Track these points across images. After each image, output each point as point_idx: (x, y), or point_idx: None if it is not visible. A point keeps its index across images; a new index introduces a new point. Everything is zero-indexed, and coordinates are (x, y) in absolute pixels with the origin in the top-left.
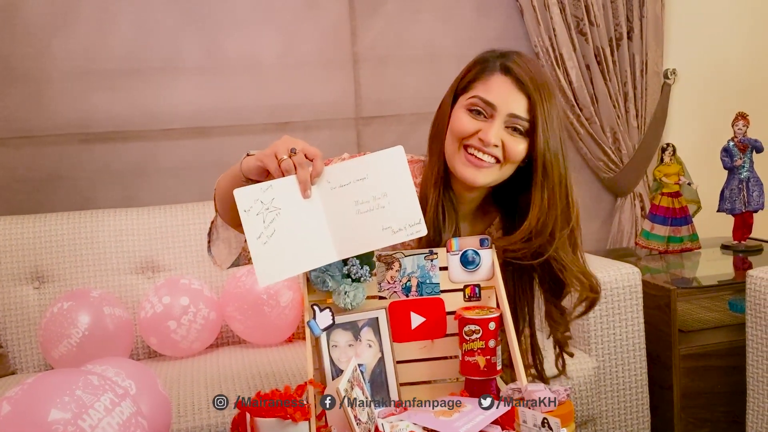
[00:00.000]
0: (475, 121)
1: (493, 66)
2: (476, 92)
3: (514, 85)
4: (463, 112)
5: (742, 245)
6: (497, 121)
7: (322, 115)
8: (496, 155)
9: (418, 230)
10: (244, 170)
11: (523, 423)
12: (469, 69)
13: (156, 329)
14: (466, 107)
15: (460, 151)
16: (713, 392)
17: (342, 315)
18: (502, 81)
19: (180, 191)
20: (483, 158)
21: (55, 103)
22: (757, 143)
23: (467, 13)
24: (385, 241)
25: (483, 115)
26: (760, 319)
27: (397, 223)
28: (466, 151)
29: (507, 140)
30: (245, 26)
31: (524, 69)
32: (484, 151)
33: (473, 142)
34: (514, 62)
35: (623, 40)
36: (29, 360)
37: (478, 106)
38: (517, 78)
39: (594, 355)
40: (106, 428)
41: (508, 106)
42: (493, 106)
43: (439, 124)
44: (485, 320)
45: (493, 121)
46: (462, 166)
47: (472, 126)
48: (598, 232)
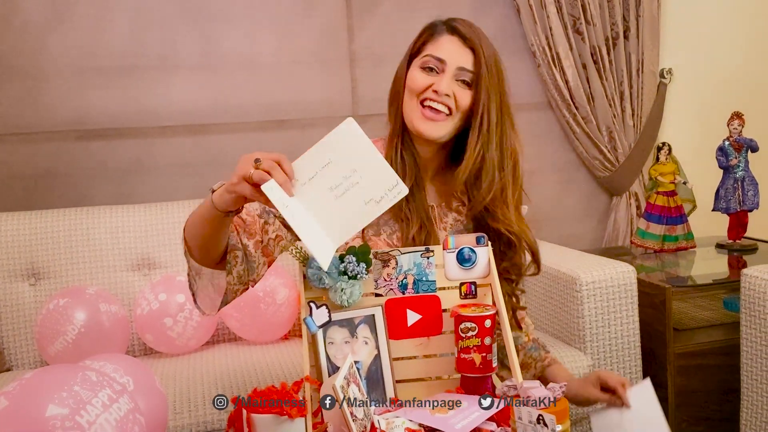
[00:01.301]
0: (429, 76)
1: (440, 28)
2: (428, 51)
3: (461, 42)
4: (417, 70)
5: (736, 244)
6: (448, 74)
7: (319, 113)
8: (449, 104)
9: (399, 191)
10: (220, 206)
11: (519, 420)
12: (420, 35)
13: (152, 326)
14: (420, 66)
15: (417, 107)
16: (708, 390)
17: (338, 312)
18: (449, 39)
19: (176, 188)
20: (438, 108)
21: (51, 99)
22: (753, 143)
23: (463, 12)
24: (372, 213)
25: (435, 71)
26: (754, 317)
27: (378, 192)
28: (422, 105)
29: (457, 91)
30: (242, 24)
31: (468, 29)
32: (438, 101)
33: (428, 95)
34: (458, 23)
35: (620, 40)
36: (25, 357)
37: (430, 63)
38: (463, 35)
39: (589, 353)
40: (103, 424)
41: (457, 60)
42: (443, 61)
43: (396, 89)
44: (481, 318)
45: (444, 75)
46: (419, 121)
47: (427, 80)
48: (594, 230)
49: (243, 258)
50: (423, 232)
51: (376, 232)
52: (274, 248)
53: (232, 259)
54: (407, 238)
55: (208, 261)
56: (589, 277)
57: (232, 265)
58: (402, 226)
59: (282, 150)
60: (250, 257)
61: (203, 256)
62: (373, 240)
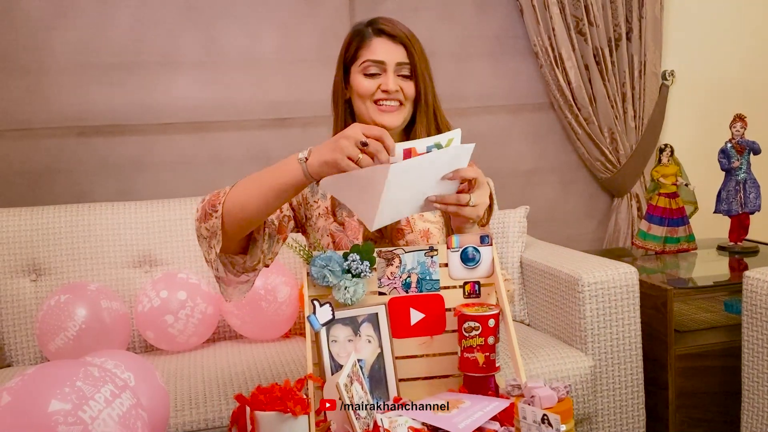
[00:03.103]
0: (373, 80)
1: (368, 33)
2: (364, 57)
3: (391, 41)
4: (361, 77)
5: (738, 246)
6: (389, 72)
7: (321, 112)
8: (399, 98)
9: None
10: (315, 174)
11: (523, 419)
12: (350, 42)
13: (153, 323)
14: (361, 72)
15: (372, 106)
16: (709, 392)
17: (342, 310)
18: (380, 41)
19: (177, 186)
20: (391, 104)
21: (53, 96)
22: (755, 145)
23: (466, 12)
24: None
25: (377, 74)
26: (756, 320)
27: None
28: (377, 104)
29: (401, 84)
30: (244, 22)
31: (392, 26)
32: (390, 98)
33: (379, 96)
34: (382, 24)
35: (622, 41)
36: (25, 353)
37: (371, 68)
38: (390, 34)
39: (590, 354)
40: (106, 419)
41: (393, 57)
42: (382, 62)
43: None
44: (485, 317)
45: (387, 74)
46: (378, 115)
47: (373, 84)
48: (595, 231)
49: (267, 235)
50: None
51: (349, 213)
52: (287, 225)
53: (258, 236)
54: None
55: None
56: (591, 277)
57: (260, 241)
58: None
59: (283, 149)
60: (273, 233)
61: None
62: (347, 221)
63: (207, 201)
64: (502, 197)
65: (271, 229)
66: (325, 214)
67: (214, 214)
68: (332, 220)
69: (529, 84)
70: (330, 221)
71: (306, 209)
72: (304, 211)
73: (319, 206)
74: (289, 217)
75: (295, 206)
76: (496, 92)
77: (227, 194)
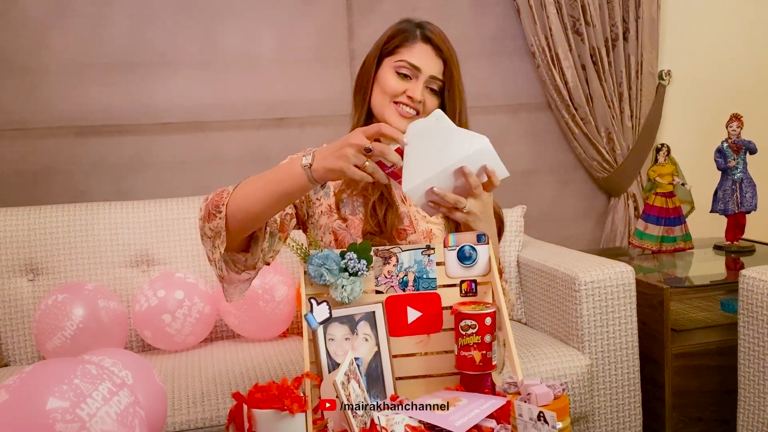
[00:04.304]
0: (403, 82)
1: (414, 35)
2: (402, 57)
3: (434, 52)
4: (392, 74)
5: (734, 246)
6: (420, 81)
7: (318, 112)
8: (418, 109)
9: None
10: (320, 179)
11: (519, 417)
12: (393, 36)
13: (150, 323)
14: (394, 69)
15: (390, 104)
16: (705, 391)
17: (339, 309)
18: (423, 48)
19: (175, 185)
20: (409, 111)
21: (50, 95)
22: (751, 145)
23: (464, 12)
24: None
25: (408, 77)
26: (752, 318)
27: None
28: (396, 105)
29: (426, 98)
30: (242, 22)
31: (439, 38)
32: (411, 105)
33: (402, 99)
34: (431, 32)
35: (619, 41)
36: (23, 352)
37: (404, 69)
38: (436, 46)
39: (587, 353)
40: (104, 417)
41: (430, 69)
42: (418, 68)
43: (364, 80)
44: (481, 315)
45: (417, 81)
46: (394, 117)
47: (401, 86)
48: (592, 231)
49: (269, 233)
50: (383, 204)
51: (352, 210)
52: (289, 223)
53: (260, 234)
54: (368, 205)
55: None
56: (587, 276)
57: (261, 240)
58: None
59: (281, 149)
60: (274, 232)
61: (248, 230)
62: (350, 218)
63: (210, 201)
64: (499, 197)
65: (273, 227)
66: (328, 211)
67: (218, 215)
68: (336, 217)
69: (526, 84)
70: (333, 218)
71: (308, 207)
72: (306, 209)
73: (322, 204)
74: (291, 215)
75: (298, 204)
76: (493, 92)
77: (231, 195)
